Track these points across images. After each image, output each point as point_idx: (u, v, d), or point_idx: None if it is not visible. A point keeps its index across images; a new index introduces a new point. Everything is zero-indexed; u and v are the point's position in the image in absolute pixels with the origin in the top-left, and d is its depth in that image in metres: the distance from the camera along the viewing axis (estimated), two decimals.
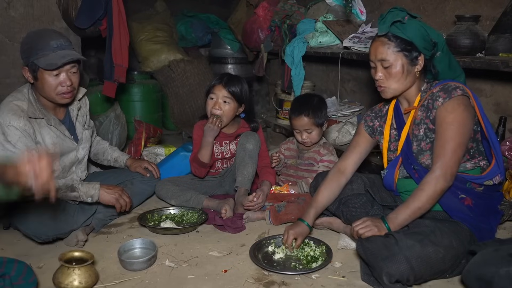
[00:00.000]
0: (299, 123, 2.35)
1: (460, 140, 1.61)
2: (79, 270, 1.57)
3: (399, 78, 1.71)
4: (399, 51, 1.68)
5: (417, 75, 1.74)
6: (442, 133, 1.64)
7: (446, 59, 1.77)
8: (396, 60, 1.69)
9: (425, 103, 1.73)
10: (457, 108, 1.62)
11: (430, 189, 1.60)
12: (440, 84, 1.72)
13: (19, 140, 1.83)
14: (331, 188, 1.93)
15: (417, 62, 1.71)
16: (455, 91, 1.65)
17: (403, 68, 1.70)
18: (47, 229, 1.86)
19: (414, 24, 1.68)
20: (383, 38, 1.71)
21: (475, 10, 2.61)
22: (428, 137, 1.73)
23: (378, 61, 1.73)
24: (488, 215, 1.73)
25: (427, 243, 1.54)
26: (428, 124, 1.72)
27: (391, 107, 1.88)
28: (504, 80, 2.60)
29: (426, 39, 1.68)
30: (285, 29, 3.29)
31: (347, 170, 1.94)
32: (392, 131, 1.88)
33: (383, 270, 1.51)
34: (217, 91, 2.31)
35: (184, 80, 4.11)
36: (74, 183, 1.92)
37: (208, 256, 1.90)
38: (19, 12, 2.75)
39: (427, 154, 1.73)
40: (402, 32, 1.67)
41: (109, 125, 3.00)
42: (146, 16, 4.34)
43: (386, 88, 1.75)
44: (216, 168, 2.52)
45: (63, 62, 1.81)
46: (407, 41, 1.67)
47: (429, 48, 1.70)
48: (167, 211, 2.33)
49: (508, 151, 2.42)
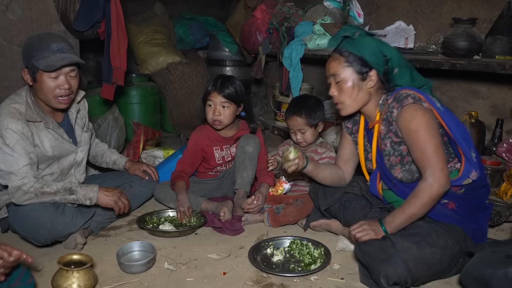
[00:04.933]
0: (293, 123, 2.36)
1: (435, 141, 1.60)
2: (78, 273, 1.57)
3: (350, 93, 1.72)
4: (349, 66, 1.70)
5: (371, 91, 1.74)
6: (414, 142, 1.62)
7: (407, 74, 1.75)
8: (346, 75, 1.71)
9: (385, 116, 1.73)
10: (415, 114, 1.61)
11: (425, 196, 1.59)
12: (393, 94, 1.72)
13: (17, 143, 1.83)
14: (329, 169, 2.00)
15: (368, 78, 1.71)
16: (406, 99, 1.64)
17: (353, 83, 1.71)
18: (45, 232, 1.86)
19: (365, 39, 1.70)
20: (335, 53, 1.75)
21: (472, 13, 2.63)
22: (395, 151, 1.73)
23: (331, 76, 1.76)
24: (475, 213, 1.73)
25: (424, 244, 1.55)
26: (392, 137, 1.72)
27: (362, 116, 1.89)
28: (501, 82, 2.61)
29: (377, 55, 1.69)
30: (283, 32, 3.30)
31: (344, 168, 2.00)
32: (365, 142, 1.89)
33: (380, 273, 1.52)
34: (213, 98, 2.30)
35: (183, 83, 4.11)
36: (72, 186, 1.92)
37: (207, 259, 1.90)
38: (17, 15, 2.75)
39: (397, 168, 1.74)
40: (352, 47, 1.70)
41: (107, 128, 3.00)
42: (144, 19, 4.34)
43: (341, 104, 1.77)
44: (215, 170, 2.53)
45: (62, 64, 1.81)
46: (357, 56, 1.69)
47: (381, 64, 1.70)
48: (166, 213, 2.33)
49: (505, 153, 2.43)
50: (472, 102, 2.81)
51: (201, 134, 2.45)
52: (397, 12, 3.09)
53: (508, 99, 2.63)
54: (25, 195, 1.82)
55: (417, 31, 2.81)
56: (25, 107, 1.89)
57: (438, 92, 2.98)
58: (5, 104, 1.89)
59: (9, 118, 1.83)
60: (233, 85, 2.31)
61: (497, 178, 2.42)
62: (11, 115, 1.84)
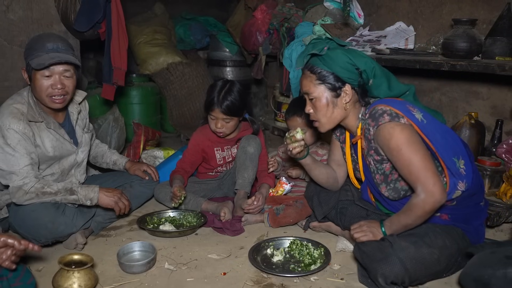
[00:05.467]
0: (293, 124, 2.37)
1: (420, 156, 1.51)
2: (79, 273, 1.57)
3: (325, 111, 1.67)
4: (321, 83, 1.65)
5: (346, 107, 1.68)
6: (398, 160, 1.55)
7: (384, 83, 1.68)
8: (320, 93, 1.66)
9: (365, 134, 1.66)
10: (393, 132, 1.53)
11: (419, 211, 1.55)
12: (370, 108, 1.65)
13: (19, 143, 1.83)
14: (325, 168, 1.95)
15: (343, 93, 1.65)
16: (382, 117, 1.56)
17: (327, 101, 1.66)
18: (46, 232, 1.86)
19: (334, 54, 1.63)
20: (306, 71, 1.69)
21: (472, 14, 2.64)
22: (378, 169, 1.67)
23: (305, 94, 1.71)
24: (470, 219, 1.70)
25: (421, 244, 1.55)
26: (373, 155, 1.66)
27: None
28: (501, 83, 2.62)
29: (349, 69, 1.62)
30: (283, 32, 3.30)
31: (337, 170, 1.96)
32: (352, 153, 1.85)
33: (378, 272, 1.53)
34: (215, 114, 2.28)
35: (183, 83, 4.11)
36: (73, 186, 1.93)
37: (207, 259, 1.90)
38: (18, 15, 2.75)
39: (383, 186, 1.69)
40: (322, 64, 1.64)
41: (107, 128, 3.01)
42: (144, 19, 4.35)
43: (318, 122, 1.73)
44: (216, 171, 2.53)
45: (50, 63, 1.81)
46: (328, 72, 1.63)
47: (354, 77, 1.64)
48: (166, 213, 2.33)
49: (505, 154, 2.44)
50: (472, 103, 2.81)
51: (202, 135, 2.45)
52: (397, 13, 3.10)
53: (508, 100, 2.63)
54: (26, 195, 1.82)
55: (417, 32, 2.82)
56: (27, 107, 1.90)
57: (438, 93, 2.99)
58: (7, 104, 1.90)
59: (11, 118, 1.84)
60: (234, 99, 2.25)
61: (496, 179, 2.42)
62: (13, 115, 1.84)
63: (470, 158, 1.66)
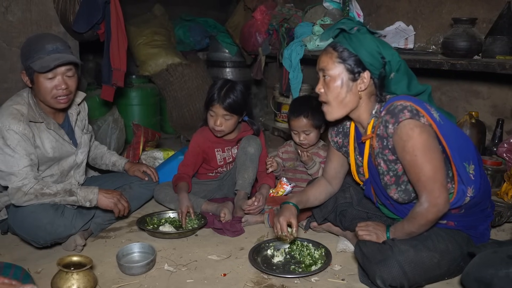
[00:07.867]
0: (298, 124, 2.35)
1: (432, 166, 1.46)
2: (78, 274, 1.56)
3: (337, 93, 1.56)
4: (341, 62, 1.55)
5: (361, 95, 1.58)
6: (410, 165, 1.50)
7: (404, 80, 1.60)
8: (336, 72, 1.55)
9: (379, 132, 1.56)
10: (412, 134, 1.45)
11: (422, 220, 1.53)
12: (387, 105, 1.55)
13: (18, 144, 1.83)
14: (319, 189, 1.91)
15: (359, 79, 1.55)
16: (402, 113, 1.47)
17: (342, 83, 1.55)
18: (45, 234, 1.85)
19: (363, 37, 1.54)
20: (329, 47, 1.60)
21: (472, 13, 2.63)
22: (390, 170, 1.59)
23: (320, 71, 1.61)
24: (476, 225, 1.67)
25: (421, 248, 1.54)
26: (387, 155, 1.57)
27: (352, 127, 1.74)
28: (501, 82, 2.61)
29: (374, 55, 1.53)
30: (282, 33, 3.30)
31: (332, 182, 1.92)
32: (356, 155, 1.75)
33: (376, 274, 1.52)
34: (215, 110, 2.27)
35: (182, 84, 4.11)
36: (72, 188, 1.92)
37: (207, 260, 1.89)
38: (16, 17, 2.75)
39: (393, 188, 1.61)
40: (347, 43, 1.54)
41: (107, 129, 3.00)
42: (144, 20, 4.34)
43: (327, 105, 1.61)
44: (216, 171, 2.52)
45: (56, 64, 1.81)
46: (352, 53, 1.54)
47: (377, 66, 1.54)
48: (166, 214, 2.32)
49: (506, 153, 2.43)
50: (472, 102, 2.81)
51: (203, 136, 2.44)
52: (397, 12, 3.10)
53: (509, 99, 2.63)
54: (25, 196, 1.82)
55: (417, 31, 2.81)
56: (27, 108, 1.90)
57: (439, 92, 2.98)
58: (7, 105, 1.89)
59: (11, 119, 1.83)
60: (236, 97, 2.26)
61: (497, 179, 2.41)
62: (12, 116, 1.84)
63: (479, 162, 1.62)
